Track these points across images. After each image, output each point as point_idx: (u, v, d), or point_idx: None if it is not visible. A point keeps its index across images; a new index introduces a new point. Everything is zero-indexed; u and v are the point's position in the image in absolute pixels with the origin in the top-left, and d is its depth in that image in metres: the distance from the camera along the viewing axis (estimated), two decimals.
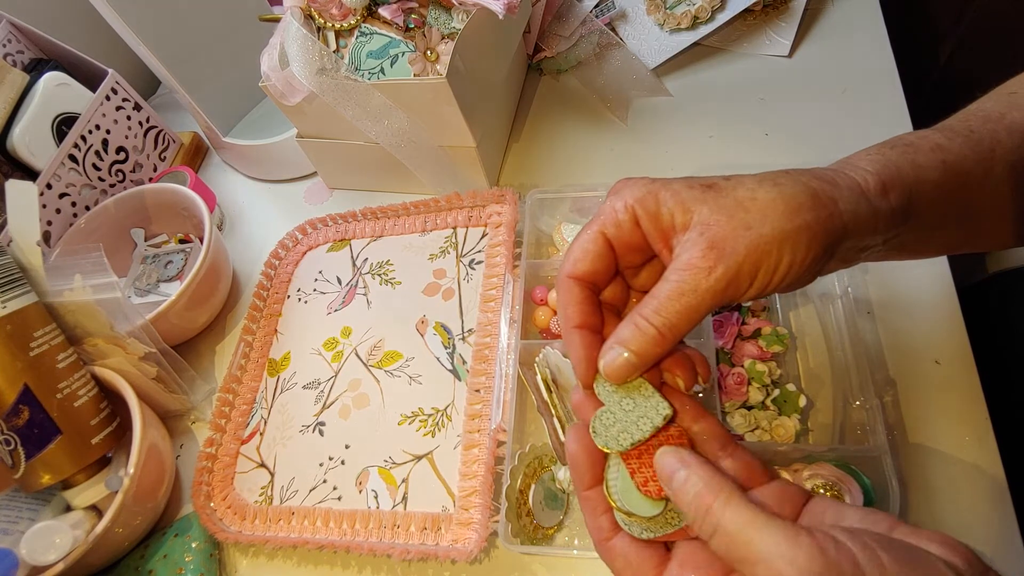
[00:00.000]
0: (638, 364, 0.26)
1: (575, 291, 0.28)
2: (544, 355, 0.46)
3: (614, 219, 0.28)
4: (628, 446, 0.26)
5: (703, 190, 0.27)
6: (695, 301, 0.25)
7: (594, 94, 0.66)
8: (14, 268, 0.49)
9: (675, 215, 0.27)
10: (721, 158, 0.58)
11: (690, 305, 0.25)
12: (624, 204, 0.28)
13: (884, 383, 0.43)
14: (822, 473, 0.37)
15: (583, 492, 0.28)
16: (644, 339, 0.26)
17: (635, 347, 0.26)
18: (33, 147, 0.63)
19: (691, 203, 0.26)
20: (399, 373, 0.53)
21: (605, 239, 0.28)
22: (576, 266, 0.28)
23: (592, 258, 0.28)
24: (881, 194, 0.27)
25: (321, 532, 0.47)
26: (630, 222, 0.28)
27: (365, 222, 0.64)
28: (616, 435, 0.27)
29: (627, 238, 0.28)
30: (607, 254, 0.28)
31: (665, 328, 0.25)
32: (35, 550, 0.44)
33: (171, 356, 0.55)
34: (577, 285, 0.29)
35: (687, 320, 0.25)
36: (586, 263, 0.28)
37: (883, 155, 0.28)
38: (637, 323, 0.26)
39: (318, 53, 0.53)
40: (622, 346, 0.26)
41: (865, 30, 0.62)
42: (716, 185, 0.27)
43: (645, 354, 0.26)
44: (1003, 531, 0.38)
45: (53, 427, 0.46)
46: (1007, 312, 0.57)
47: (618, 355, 0.26)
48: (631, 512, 0.26)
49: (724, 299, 0.25)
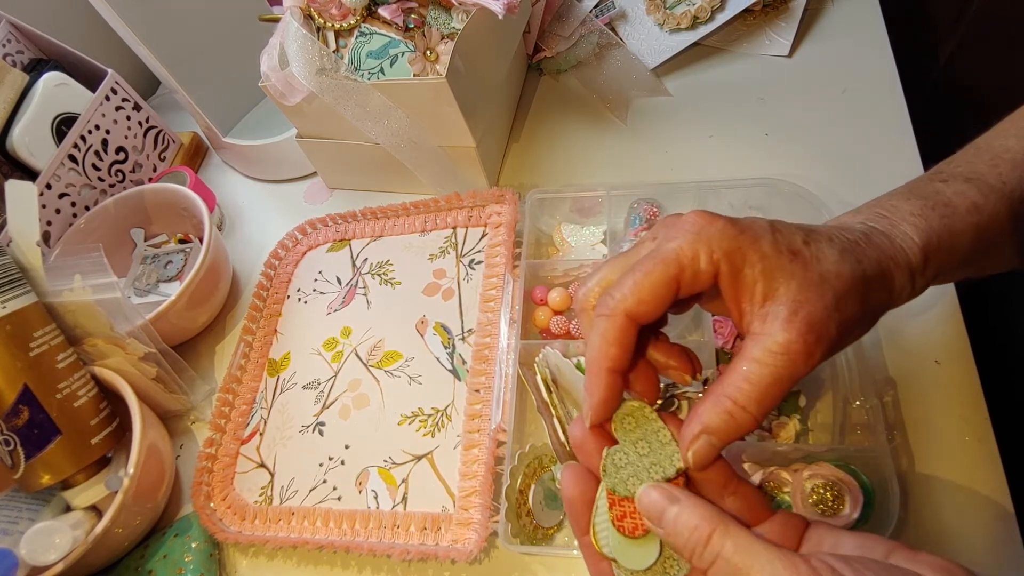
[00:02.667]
0: (720, 447, 0.25)
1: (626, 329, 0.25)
2: (544, 355, 0.45)
3: (695, 268, 0.25)
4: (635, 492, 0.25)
5: (790, 258, 0.25)
6: (790, 384, 0.24)
7: (594, 94, 0.66)
8: (14, 268, 0.49)
9: (759, 283, 0.25)
10: (721, 158, 0.58)
11: (786, 389, 0.24)
12: (710, 256, 0.25)
13: (884, 383, 0.43)
14: (822, 473, 0.37)
15: (582, 538, 0.27)
16: (737, 426, 0.24)
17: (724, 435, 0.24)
18: (33, 147, 0.63)
19: (778, 272, 0.25)
20: (399, 373, 0.53)
21: (677, 285, 0.25)
22: (640, 306, 0.25)
23: (659, 301, 0.25)
24: (921, 267, 0.28)
25: (321, 532, 0.47)
26: (710, 276, 0.25)
27: (365, 222, 0.64)
28: (625, 479, 0.26)
29: (697, 288, 0.25)
30: (671, 300, 0.25)
31: (760, 414, 0.24)
32: (35, 550, 0.44)
33: (171, 356, 0.55)
34: (629, 323, 0.25)
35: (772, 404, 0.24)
36: (651, 304, 0.25)
37: (926, 220, 0.28)
38: (731, 411, 0.24)
39: (318, 53, 0.53)
40: (711, 435, 0.24)
41: (865, 30, 0.62)
42: (800, 254, 0.25)
43: (731, 439, 0.25)
44: (1003, 531, 0.37)
45: (53, 427, 0.46)
46: (1007, 312, 0.57)
47: (706, 443, 0.25)
48: (619, 561, 0.26)
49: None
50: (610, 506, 0.26)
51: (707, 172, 0.58)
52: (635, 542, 0.26)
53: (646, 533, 0.25)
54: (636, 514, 0.25)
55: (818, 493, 0.37)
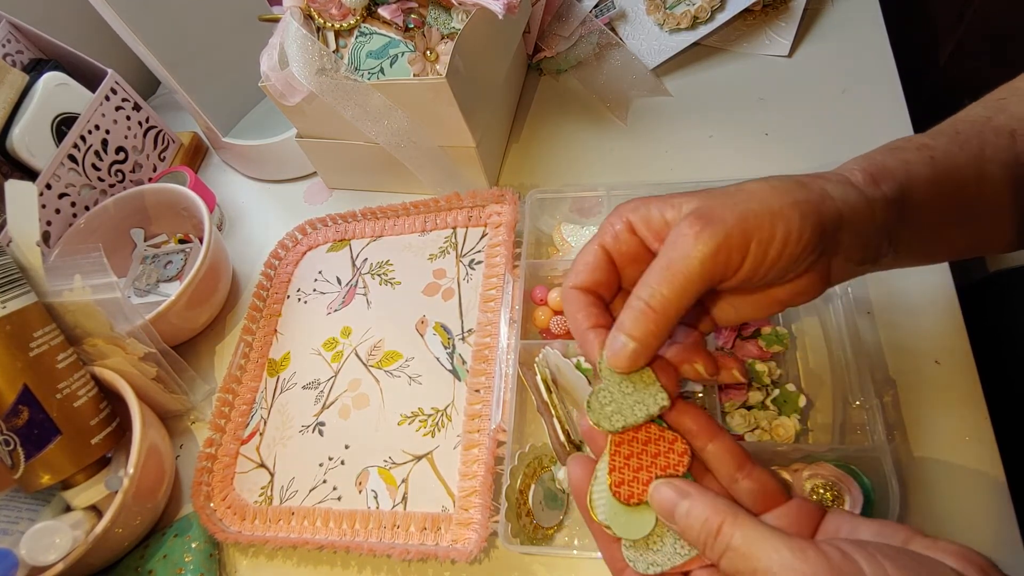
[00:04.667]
0: (641, 350, 0.26)
1: (581, 298, 0.29)
2: (544, 355, 0.46)
3: (611, 232, 0.29)
4: (619, 428, 0.26)
5: (693, 191, 0.27)
6: (684, 269, 0.25)
7: (594, 94, 0.66)
8: (14, 268, 0.49)
9: (665, 213, 0.27)
10: (721, 158, 0.58)
11: (680, 274, 0.25)
12: (619, 216, 0.29)
13: (884, 383, 0.43)
14: (822, 473, 0.37)
15: (592, 524, 0.27)
16: (641, 320, 0.25)
17: (634, 331, 0.26)
18: (33, 147, 0.63)
19: (681, 200, 0.27)
20: (399, 373, 0.53)
21: (604, 251, 0.29)
22: (578, 278, 0.29)
23: (592, 269, 0.29)
24: (871, 184, 0.27)
25: (321, 532, 0.47)
26: (626, 231, 0.28)
27: (365, 222, 0.64)
28: (609, 415, 0.27)
29: (624, 248, 0.28)
30: (607, 265, 0.29)
31: (659, 304, 0.25)
32: (35, 550, 0.44)
33: (171, 356, 0.55)
34: (581, 293, 0.29)
35: (679, 292, 0.25)
36: (586, 274, 0.29)
37: (868, 156, 0.29)
38: (632, 305, 0.26)
39: (318, 53, 0.53)
40: (621, 332, 0.26)
41: (865, 30, 0.62)
42: (706, 189, 0.27)
43: (646, 336, 0.25)
44: (1003, 531, 0.38)
45: (53, 427, 0.46)
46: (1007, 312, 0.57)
47: (619, 342, 0.26)
48: (613, 529, 0.26)
49: (715, 268, 0.25)
50: (609, 471, 0.26)
51: (707, 172, 0.58)
52: (631, 511, 0.26)
53: (641, 502, 0.26)
54: (634, 482, 0.26)
55: (818, 493, 0.37)
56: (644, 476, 0.26)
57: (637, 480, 0.26)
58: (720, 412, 0.43)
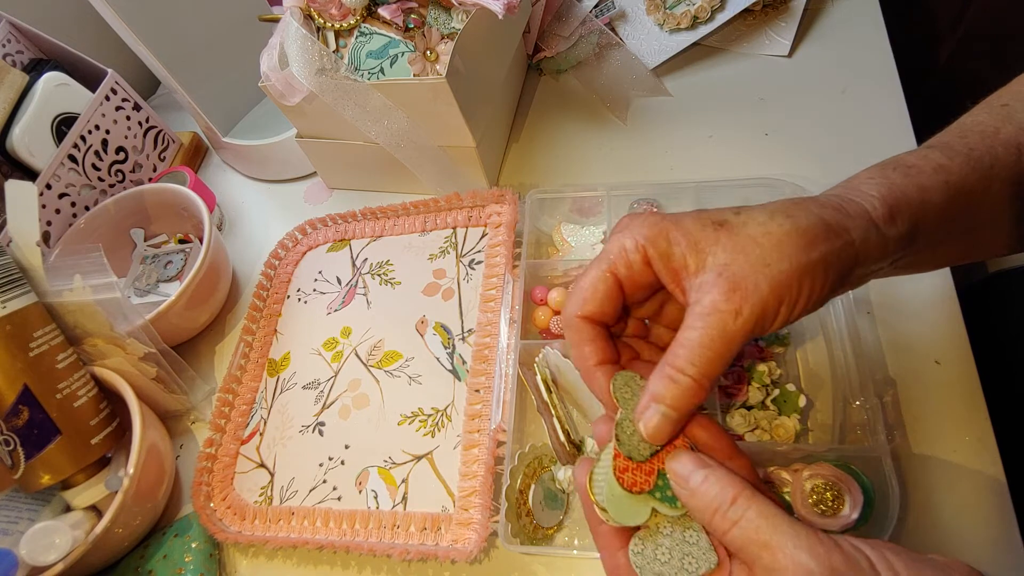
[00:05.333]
0: (677, 418, 0.25)
1: (587, 330, 0.28)
2: (544, 355, 0.46)
3: (624, 259, 0.27)
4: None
5: (715, 228, 0.26)
6: (724, 346, 0.25)
7: (594, 94, 0.66)
8: (14, 268, 0.49)
9: (687, 257, 0.26)
10: (721, 158, 0.58)
11: (721, 350, 0.25)
12: (635, 243, 0.27)
13: (884, 383, 0.43)
14: (822, 473, 0.37)
15: (597, 528, 0.27)
16: (681, 392, 0.25)
17: (672, 402, 0.25)
18: (33, 147, 0.63)
19: (704, 243, 0.26)
20: (399, 373, 0.53)
21: (616, 279, 0.28)
22: (586, 307, 0.28)
23: (602, 298, 0.28)
24: (889, 221, 0.27)
25: (321, 532, 0.47)
26: (641, 262, 0.27)
27: (365, 222, 0.64)
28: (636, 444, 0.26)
29: (637, 278, 0.28)
30: (616, 295, 0.28)
31: (701, 377, 0.25)
32: (35, 550, 0.44)
33: (171, 356, 0.55)
34: (588, 324, 0.28)
35: (721, 365, 0.25)
36: (595, 304, 0.28)
37: (887, 178, 0.28)
38: (672, 376, 0.25)
39: (318, 53, 0.53)
40: (659, 403, 0.25)
41: (865, 30, 0.62)
42: (727, 223, 0.26)
43: (683, 407, 0.25)
44: (1003, 531, 0.37)
45: (53, 427, 0.46)
46: (1007, 312, 0.57)
47: (660, 415, 0.25)
48: (609, 512, 0.26)
49: (751, 337, 0.25)
50: (615, 456, 0.27)
51: (707, 172, 0.58)
52: (629, 499, 0.26)
53: (643, 491, 0.26)
54: (639, 470, 0.26)
55: (818, 493, 0.37)
56: (647, 467, 0.27)
57: (641, 469, 0.26)
58: (720, 412, 0.43)
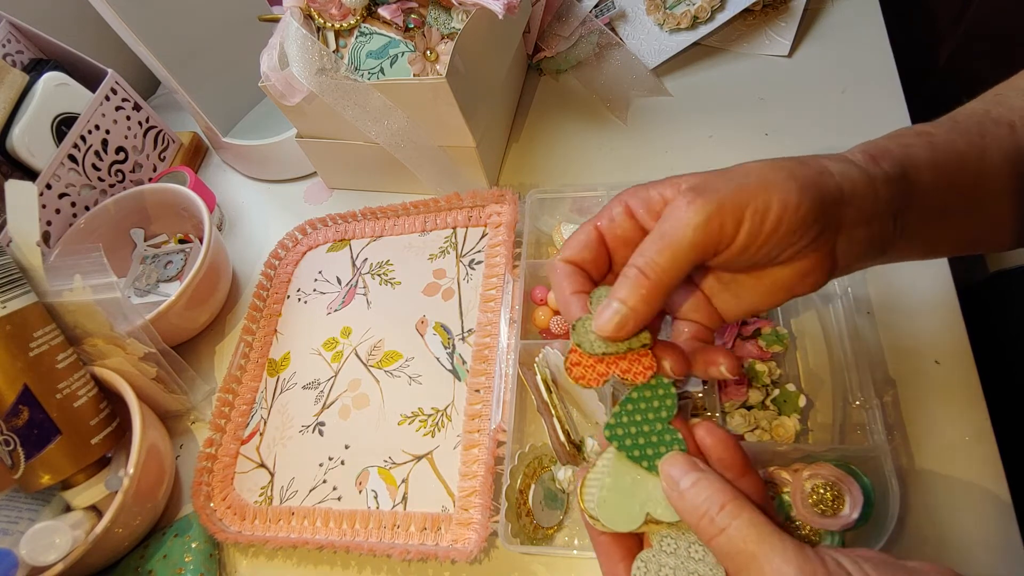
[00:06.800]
0: (631, 316, 0.26)
1: (568, 270, 0.29)
2: (544, 355, 0.46)
3: (608, 214, 0.29)
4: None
5: (695, 172, 0.28)
6: (679, 237, 0.25)
7: (594, 94, 0.66)
8: (14, 268, 0.49)
9: (665, 192, 0.28)
10: (721, 158, 0.58)
11: (675, 242, 0.25)
12: (618, 200, 0.29)
13: (884, 383, 0.43)
14: (822, 473, 0.37)
15: (597, 537, 0.27)
16: (634, 287, 0.25)
17: (626, 297, 0.25)
18: (33, 147, 0.63)
19: (680, 180, 0.27)
20: (399, 373, 0.53)
21: (597, 231, 0.29)
22: (567, 252, 0.29)
23: (582, 246, 0.29)
24: (870, 162, 0.27)
25: (321, 532, 0.47)
26: (623, 215, 0.29)
27: (365, 222, 0.64)
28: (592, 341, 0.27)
29: (619, 231, 0.29)
30: (598, 245, 0.29)
31: (653, 271, 0.25)
32: (35, 550, 0.44)
33: (171, 356, 0.55)
34: (570, 266, 0.29)
35: (674, 261, 0.25)
36: (576, 249, 0.29)
37: (867, 141, 0.29)
38: (626, 273, 0.26)
39: (318, 53, 0.53)
40: (614, 298, 0.26)
41: (865, 30, 0.62)
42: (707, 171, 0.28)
43: (638, 303, 0.25)
44: (1003, 531, 0.38)
45: (53, 427, 0.46)
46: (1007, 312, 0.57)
47: (611, 308, 0.26)
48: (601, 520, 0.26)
49: (711, 237, 0.25)
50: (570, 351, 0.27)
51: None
52: (621, 503, 0.26)
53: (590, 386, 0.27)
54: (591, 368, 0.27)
55: (818, 493, 0.37)
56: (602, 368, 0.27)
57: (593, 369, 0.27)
58: (720, 412, 0.43)
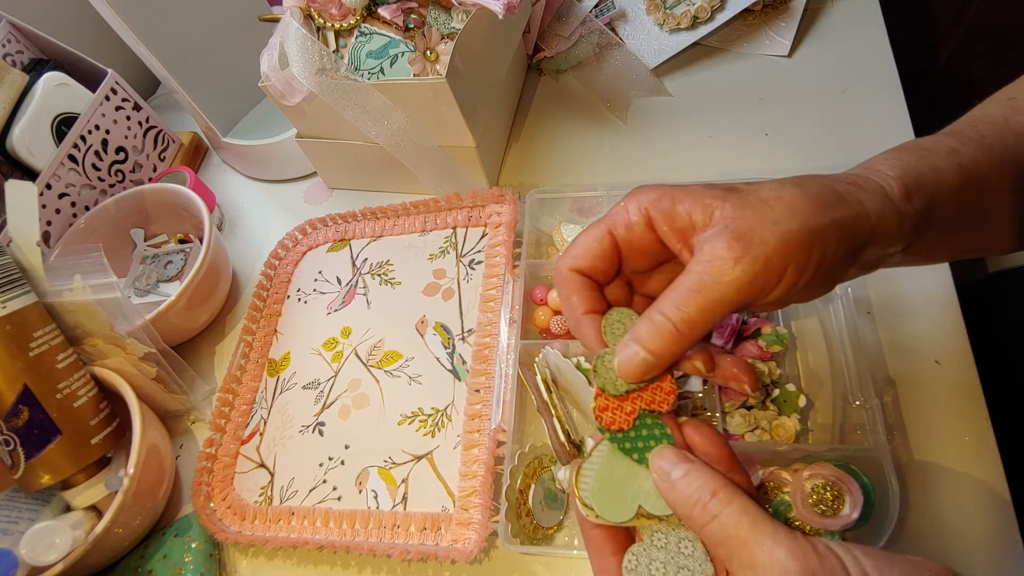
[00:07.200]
0: (655, 364, 0.25)
1: (576, 280, 0.28)
2: (544, 355, 0.45)
3: (625, 220, 0.27)
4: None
5: (723, 191, 0.26)
6: (717, 294, 0.24)
7: (594, 94, 0.66)
8: (14, 268, 0.49)
9: (693, 214, 0.25)
10: (721, 158, 0.58)
11: (712, 299, 0.24)
12: (638, 206, 0.27)
13: (884, 383, 0.43)
14: (822, 473, 0.37)
15: (589, 532, 0.27)
16: (661, 336, 0.24)
17: (652, 345, 0.24)
18: (33, 147, 0.63)
19: (711, 200, 0.25)
20: (399, 373, 0.53)
21: (612, 239, 0.27)
22: (576, 261, 0.28)
23: (594, 255, 0.27)
24: (905, 199, 0.26)
25: (321, 532, 0.47)
26: (642, 224, 0.27)
27: (365, 222, 0.64)
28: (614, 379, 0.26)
29: (637, 241, 0.27)
30: (611, 254, 0.28)
31: (683, 324, 0.24)
32: (35, 550, 0.44)
33: (171, 356, 0.55)
34: (578, 275, 0.28)
35: (708, 316, 0.24)
36: (587, 259, 0.28)
37: (901, 160, 0.27)
38: (653, 319, 0.24)
39: (318, 53, 0.53)
40: (638, 344, 0.25)
41: (865, 30, 0.62)
42: (736, 187, 0.26)
43: (662, 353, 0.24)
44: (1003, 531, 0.37)
45: (53, 427, 0.46)
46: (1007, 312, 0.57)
47: (634, 354, 0.25)
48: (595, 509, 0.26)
49: (749, 295, 0.24)
50: (596, 395, 0.27)
51: (707, 172, 0.58)
52: (615, 494, 0.26)
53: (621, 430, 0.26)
54: (618, 410, 0.26)
55: (818, 493, 0.37)
56: (628, 407, 0.26)
57: (621, 409, 0.26)
58: (720, 412, 0.43)
